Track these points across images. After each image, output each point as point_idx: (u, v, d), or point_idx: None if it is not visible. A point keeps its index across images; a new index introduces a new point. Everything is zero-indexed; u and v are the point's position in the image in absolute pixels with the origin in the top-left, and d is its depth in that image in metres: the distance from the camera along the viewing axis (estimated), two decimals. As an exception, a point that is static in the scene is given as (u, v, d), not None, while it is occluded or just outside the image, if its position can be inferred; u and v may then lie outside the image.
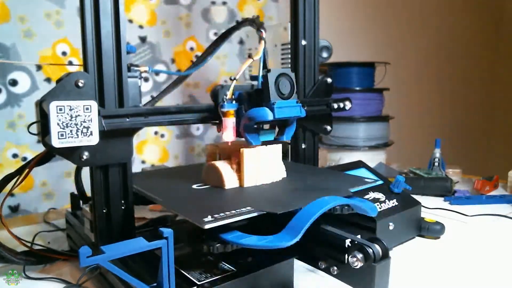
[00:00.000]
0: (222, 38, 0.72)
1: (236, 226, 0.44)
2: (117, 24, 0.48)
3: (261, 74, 0.54)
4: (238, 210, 0.43)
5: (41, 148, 0.56)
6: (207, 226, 0.39)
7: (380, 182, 0.70)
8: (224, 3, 1.27)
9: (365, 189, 0.67)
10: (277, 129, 0.58)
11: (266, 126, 0.57)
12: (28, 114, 0.95)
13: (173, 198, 0.51)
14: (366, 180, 0.57)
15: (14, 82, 0.94)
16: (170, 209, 0.48)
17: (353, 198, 0.51)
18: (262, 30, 0.58)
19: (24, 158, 0.95)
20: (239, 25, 0.69)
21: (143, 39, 1.13)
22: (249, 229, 0.44)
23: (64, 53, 1.00)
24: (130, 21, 1.11)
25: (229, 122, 0.54)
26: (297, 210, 0.43)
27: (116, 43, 0.48)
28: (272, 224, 0.44)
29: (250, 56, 0.55)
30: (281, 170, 0.58)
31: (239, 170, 0.54)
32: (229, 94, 0.54)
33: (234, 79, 0.54)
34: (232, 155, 0.55)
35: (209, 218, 0.40)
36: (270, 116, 0.51)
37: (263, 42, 0.57)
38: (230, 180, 0.54)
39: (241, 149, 0.53)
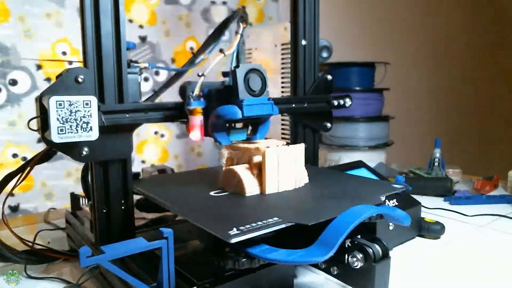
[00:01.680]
0: (217, 32, 0.70)
1: (260, 238, 0.40)
2: (117, 22, 0.48)
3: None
4: (265, 222, 0.40)
5: (41, 148, 0.56)
6: (233, 240, 0.36)
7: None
8: (224, 3, 1.27)
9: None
10: (250, 128, 0.56)
11: (239, 125, 0.54)
12: (28, 113, 0.95)
13: (191, 208, 0.48)
14: (395, 186, 0.53)
15: (14, 82, 0.94)
16: (191, 221, 0.43)
17: (384, 206, 0.48)
18: (241, 22, 0.55)
19: (24, 158, 0.95)
20: (231, 17, 0.66)
21: (143, 39, 1.13)
22: (271, 240, 0.41)
23: (64, 53, 1.00)
24: (130, 21, 1.11)
25: (196, 121, 0.51)
26: (328, 221, 0.40)
27: (116, 41, 0.49)
28: (296, 233, 0.42)
29: (221, 51, 0.52)
30: (303, 175, 0.55)
31: (260, 176, 0.51)
32: (196, 90, 0.51)
33: (202, 75, 0.51)
34: (252, 159, 0.52)
35: (235, 231, 0.37)
36: (238, 114, 0.48)
37: (238, 36, 0.54)
38: (251, 186, 0.50)
39: (263, 150, 0.50)
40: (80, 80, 0.46)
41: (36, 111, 0.47)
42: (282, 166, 0.51)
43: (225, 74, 0.53)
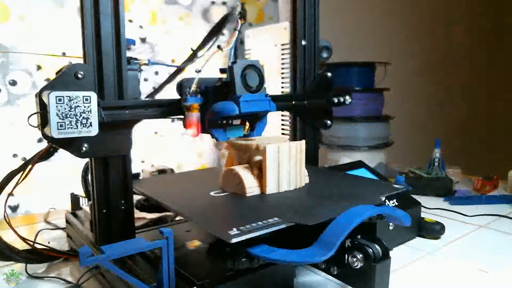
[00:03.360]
0: (216, 28, 0.70)
1: (260, 238, 0.41)
2: (117, 21, 0.48)
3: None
4: (265, 222, 0.40)
5: (41, 148, 0.56)
6: (234, 240, 0.36)
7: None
8: (224, 3, 1.27)
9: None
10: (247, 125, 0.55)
11: (236, 122, 0.54)
12: (28, 114, 0.95)
13: (191, 208, 0.48)
14: (395, 186, 0.53)
15: (14, 82, 0.94)
16: (192, 221, 0.44)
17: (384, 206, 0.48)
18: (239, 19, 0.55)
19: (24, 158, 0.95)
20: (230, 13, 0.66)
21: (143, 39, 1.13)
22: (270, 239, 0.41)
23: (64, 53, 1.00)
24: (130, 21, 1.11)
25: (193, 117, 0.51)
26: (328, 221, 0.41)
27: (116, 39, 0.49)
28: (296, 233, 0.42)
29: (219, 47, 0.52)
30: (304, 175, 0.55)
31: (260, 176, 0.51)
32: (193, 87, 0.51)
33: (199, 71, 0.51)
34: (253, 159, 0.51)
35: (235, 231, 0.37)
36: (235, 111, 0.48)
37: (236, 32, 0.54)
38: (251, 186, 0.50)
39: (264, 146, 0.50)
40: (80, 76, 0.46)
41: (36, 107, 0.47)
42: (283, 162, 0.51)
43: (222, 70, 0.53)
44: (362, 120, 1.14)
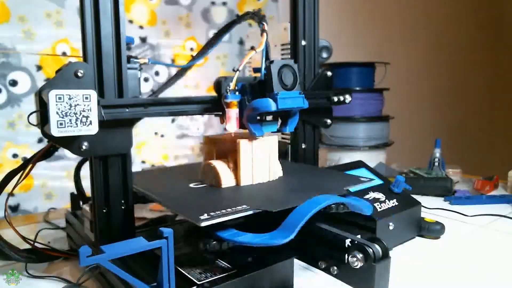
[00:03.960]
0: (223, 31, 0.71)
1: (233, 225, 0.44)
2: (117, 20, 0.48)
3: (263, 65, 0.54)
4: (234, 208, 0.43)
5: (41, 148, 0.56)
6: (203, 224, 0.40)
7: (379, 181, 0.70)
8: (224, 3, 1.27)
9: (365, 189, 0.67)
10: (280, 121, 0.59)
11: (269, 118, 0.57)
12: (28, 114, 0.95)
13: (171, 197, 0.52)
14: (362, 179, 0.57)
15: (14, 82, 0.94)
16: (168, 208, 0.48)
17: (349, 197, 0.51)
18: (263, 23, 0.58)
19: (24, 158, 0.95)
20: (240, 18, 0.68)
21: (143, 39, 1.13)
22: (248, 228, 0.44)
23: (64, 53, 1.00)
24: (130, 21, 1.11)
25: (233, 113, 0.54)
26: (293, 209, 0.44)
27: (116, 38, 0.49)
28: (270, 223, 0.45)
29: (252, 48, 0.55)
30: (277, 168, 0.59)
31: (235, 169, 0.55)
32: (232, 84, 0.54)
33: (238, 70, 0.54)
34: (229, 153, 0.55)
35: (205, 216, 0.41)
36: (273, 107, 0.51)
37: (265, 34, 0.57)
38: (226, 179, 0.54)
39: (238, 140, 0.53)
40: (79, 74, 0.46)
41: (35, 105, 0.47)
42: (257, 155, 0.55)
43: (256, 70, 0.55)
44: (362, 120, 1.14)
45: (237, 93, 0.55)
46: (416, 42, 1.99)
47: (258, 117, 0.55)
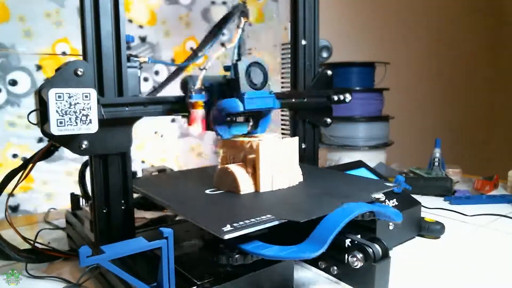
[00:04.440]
0: (217, 27, 0.70)
1: (255, 236, 0.41)
2: (117, 20, 0.49)
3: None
4: (258, 219, 0.41)
5: (41, 148, 0.56)
6: (226, 237, 0.37)
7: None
8: (224, 3, 1.27)
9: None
10: (251, 122, 0.56)
11: (240, 119, 0.55)
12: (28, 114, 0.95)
13: (187, 205, 0.49)
14: (387, 184, 0.54)
15: (14, 82, 0.94)
16: (185, 218, 0.45)
17: (376, 204, 0.48)
18: (241, 18, 0.55)
19: (24, 158, 0.95)
20: (231, 12, 0.66)
21: (143, 39, 1.13)
22: (266, 237, 0.42)
23: (64, 53, 1.00)
24: (130, 21, 1.11)
25: (198, 114, 0.52)
26: (320, 218, 0.41)
27: (116, 37, 0.49)
28: (290, 231, 0.42)
29: (223, 44, 0.53)
30: (298, 173, 0.55)
31: (254, 174, 0.51)
32: (198, 84, 0.51)
33: (204, 68, 0.51)
34: (247, 157, 0.52)
35: (228, 227, 0.38)
36: (240, 108, 0.49)
37: (239, 30, 0.54)
38: (245, 184, 0.51)
39: (257, 143, 0.50)
40: (79, 73, 0.46)
41: (35, 104, 0.47)
42: (277, 158, 0.51)
43: (226, 68, 0.53)
44: (362, 120, 1.14)
45: (203, 92, 0.52)
46: (416, 42, 1.99)
47: (228, 118, 0.52)
